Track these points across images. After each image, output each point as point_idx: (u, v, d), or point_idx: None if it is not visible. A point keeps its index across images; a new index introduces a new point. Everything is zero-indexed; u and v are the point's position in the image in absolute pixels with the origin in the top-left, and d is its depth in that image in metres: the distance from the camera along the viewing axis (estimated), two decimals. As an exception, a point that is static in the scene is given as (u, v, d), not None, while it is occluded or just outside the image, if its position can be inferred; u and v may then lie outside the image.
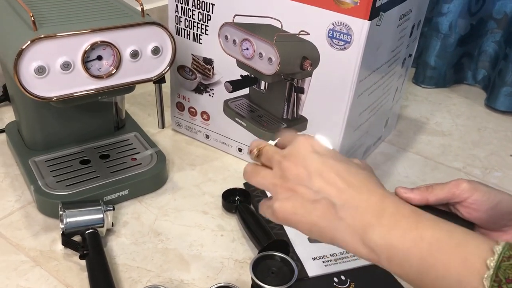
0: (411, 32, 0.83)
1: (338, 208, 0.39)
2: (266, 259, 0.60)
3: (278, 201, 0.42)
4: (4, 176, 0.78)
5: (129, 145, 0.82)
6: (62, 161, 0.76)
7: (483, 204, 0.45)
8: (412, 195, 0.48)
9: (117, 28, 0.61)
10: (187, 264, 0.64)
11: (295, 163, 0.42)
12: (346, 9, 0.63)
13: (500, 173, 0.90)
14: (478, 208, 0.45)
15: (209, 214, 0.73)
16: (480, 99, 1.18)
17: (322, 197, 0.40)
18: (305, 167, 0.41)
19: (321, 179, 0.40)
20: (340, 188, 0.40)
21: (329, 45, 0.67)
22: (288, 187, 0.42)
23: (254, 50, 0.74)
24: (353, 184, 0.40)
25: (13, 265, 0.62)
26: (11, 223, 0.69)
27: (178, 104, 0.89)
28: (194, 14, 0.78)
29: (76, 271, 0.62)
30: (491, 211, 0.45)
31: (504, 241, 0.34)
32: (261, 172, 0.45)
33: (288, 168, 0.42)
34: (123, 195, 0.73)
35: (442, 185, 0.47)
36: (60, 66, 0.59)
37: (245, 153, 0.85)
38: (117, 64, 0.63)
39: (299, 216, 0.41)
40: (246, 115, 0.82)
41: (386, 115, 0.90)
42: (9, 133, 0.82)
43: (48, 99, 0.60)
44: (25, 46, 0.56)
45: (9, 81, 0.75)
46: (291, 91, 0.75)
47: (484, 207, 0.45)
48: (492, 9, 1.14)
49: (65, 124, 0.77)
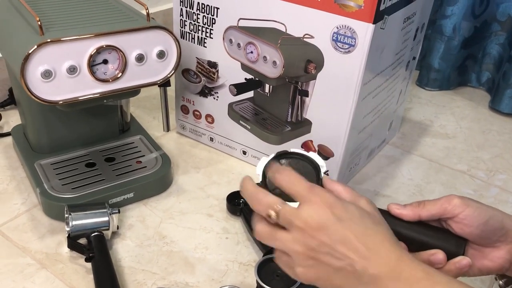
0: (415, 35, 0.83)
1: (360, 274, 0.40)
2: (271, 262, 0.60)
3: (300, 267, 0.43)
4: (10, 179, 0.78)
5: (134, 148, 0.82)
6: (68, 164, 0.77)
7: (474, 220, 0.46)
8: (405, 212, 0.48)
9: (122, 32, 0.62)
10: (192, 267, 0.65)
11: (317, 231, 0.41)
12: (350, 13, 0.63)
13: (505, 176, 0.90)
14: (469, 224, 0.46)
15: (213, 216, 0.74)
16: (484, 101, 1.17)
17: (345, 264, 0.41)
18: (328, 235, 0.41)
19: (344, 247, 0.41)
20: (362, 255, 0.40)
21: (333, 48, 0.67)
22: (311, 255, 0.42)
23: (259, 54, 0.74)
24: (373, 249, 0.41)
25: (19, 268, 0.63)
26: (17, 226, 0.69)
27: (183, 107, 0.90)
28: (198, 17, 0.78)
29: (82, 274, 0.62)
30: (483, 226, 0.46)
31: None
32: (278, 236, 0.44)
33: (311, 237, 0.42)
34: (128, 198, 0.73)
35: (434, 201, 0.48)
36: (66, 70, 0.59)
37: (249, 155, 0.85)
38: (122, 67, 0.63)
39: (322, 281, 0.43)
40: (250, 118, 0.82)
41: (390, 118, 0.90)
42: (15, 136, 0.83)
43: (54, 102, 0.61)
44: (32, 50, 0.56)
45: (16, 84, 0.76)
46: (295, 94, 0.75)
47: (476, 222, 0.46)
48: (496, 11, 1.14)
49: (70, 127, 0.78)
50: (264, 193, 0.45)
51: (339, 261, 0.41)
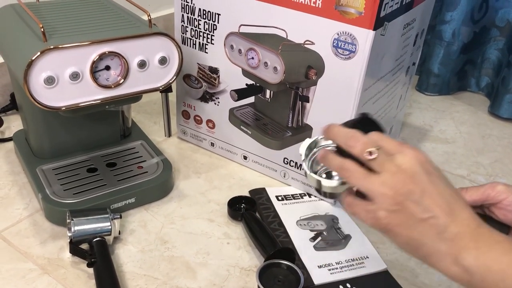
0: (414, 41, 0.83)
1: (441, 229, 0.41)
2: (272, 267, 0.60)
3: (384, 210, 0.43)
4: (12, 184, 0.79)
5: (136, 153, 0.82)
6: (70, 169, 0.77)
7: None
8: None
9: (125, 38, 0.62)
10: (194, 272, 0.65)
11: (409, 178, 0.42)
12: (351, 19, 0.64)
13: (504, 180, 0.90)
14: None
15: (215, 222, 0.74)
16: (484, 106, 1.18)
17: (429, 216, 0.41)
18: (417, 184, 0.42)
19: (431, 200, 0.42)
20: (446, 211, 0.41)
21: (334, 54, 0.67)
22: (398, 201, 0.42)
23: (260, 59, 0.75)
24: (456, 209, 0.42)
25: (21, 273, 0.63)
26: (19, 231, 0.69)
27: (184, 112, 0.90)
28: (200, 24, 0.79)
29: (84, 279, 0.63)
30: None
31: None
32: (368, 177, 0.44)
33: (401, 182, 0.42)
34: (129, 203, 0.74)
35: (477, 187, 0.48)
36: (69, 76, 0.60)
37: (250, 160, 0.85)
38: (124, 74, 0.64)
39: (401, 229, 0.43)
40: (251, 123, 0.82)
41: (390, 123, 0.91)
42: (17, 141, 0.83)
43: (57, 108, 0.61)
44: (35, 57, 0.56)
45: (18, 90, 0.76)
46: (296, 99, 0.75)
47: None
48: (495, 17, 1.14)
49: (72, 132, 0.78)
50: (361, 134, 0.45)
51: (424, 212, 0.41)
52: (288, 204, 0.78)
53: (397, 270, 0.67)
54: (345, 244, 0.70)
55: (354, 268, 0.66)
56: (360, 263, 0.67)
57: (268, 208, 0.76)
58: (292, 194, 0.80)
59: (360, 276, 0.65)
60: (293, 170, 0.80)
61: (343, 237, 0.72)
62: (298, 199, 0.79)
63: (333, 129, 0.47)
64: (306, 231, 0.72)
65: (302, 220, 0.74)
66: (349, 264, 0.67)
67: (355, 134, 0.45)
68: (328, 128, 0.48)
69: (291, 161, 0.80)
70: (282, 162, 0.81)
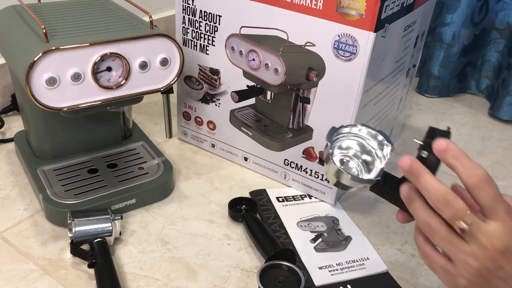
0: (415, 43, 0.84)
1: None
2: (273, 268, 0.60)
3: (465, 279, 0.41)
4: (13, 185, 0.79)
5: (136, 154, 0.83)
6: (70, 170, 0.77)
7: None
8: None
9: (126, 40, 0.63)
10: (194, 273, 0.65)
11: (501, 255, 0.39)
12: (351, 21, 0.64)
13: (505, 183, 0.90)
14: None
15: (215, 223, 0.74)
16: (484, 108, 1.18)
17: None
18: (508, 261, 0.39)
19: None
20: None
21: (335, 56, 0.68)
22: (483, 275, 0.40)
23: (260, 61, 0.75)
24: None
25: (22, 274, 0.63)
26: (20, 232, 0.69)
27: (185, 113, 0.90)
28: (201, 25, 0.79)
29: (85, 280, 0.63)
30: None
31: None
32: (455, 243, 0.41)
33: (492, 258, 0.40)
34: (130, 204, 0.74)
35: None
36: (71, 77, 0.60)
37: (250, 162, 0.86)
38: (126, 75, 0.64)
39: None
40: (252, 125, 0.82)
41: (390, 125, 0.91)
42: (17, 142, 0.83)
43: (59, 109, 0.61)
44: (37, 58, 0.57)
45: (19, 91, 0.76)
46: (296, 101, 0.76)
47: None
48: (495, 19, 1.15)
49: (73, 133, 0.78)
50: (453, 196, 0.41)
51: None
52: (288, 205, 0.78)
53: (398, 272, 0.67)
54: (345, 246, 0.70)
55: (354, 269, 0.66)
56: (360, 265, 0.67)
57: (268, 209, 0.76)
58: (293, 196, 0.80)
59: (361, 278, 0.65)
60: (293, 171, 0.81)
61: (344, 239, 0.72)
62: (299, 200, 0.79)
63: (420, 179, 0.43)
64: (306, 233, 0.72)
65: (302, 221, 0.75)
66: (350, 266, 0.67)
67: (447, 196, 0.41)
68: (412, 172, 0.43)
69: (292, 162, 0.80)
70: (283, 163, 0.81)
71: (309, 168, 0.78)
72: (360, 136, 0.55)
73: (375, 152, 0.54)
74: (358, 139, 0.55)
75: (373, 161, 0.54)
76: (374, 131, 0.54)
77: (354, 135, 0.55)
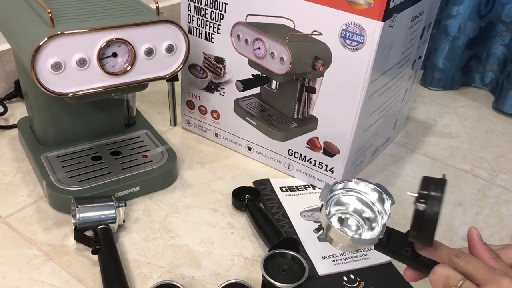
0: (421, 34, 0.83)
1: None
2: (277, 257, 0.60)
3: None
4: (16, 171, 0.79)
5: (140, 142, 0.82)
6: (74, 157, 0.77)
7: None
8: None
9: (132, 25, 0.62)
10: (198, 261, 0.65)
11: None
12: (359, 10, 0.63)
13: (508, 176, 0.90)
14: None
15: (219, 211, 0.74)
16: (488, 102, 1.18)
17: None
18: None
19: None
20: None
21: (341, 45, 0.67)
22: None
23: (266, 50, 0.74)
24: None
25: (25, 259, 0.63)
26: (23, 218, 0.69)
27: (189, 102, 0.90)
28: (206, 13, 0.78)
29: (88, 266, 0.63)
30: None
31: None
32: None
33: None
34: (134, 191, 0.74)
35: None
36: (76, 63, 0.60)
37: (254, 151, 0.85)
38: (131, 61, 0.64)
39: None
40: (256, 114, 0.82)
41: (395, 116, 0.91)
42: (21, 128, 0.83)
43: (64, 95, 0.61)
44: (43, 42, 0.56)
45: (23, 77, 0.76)
46: (302, 90, 0.75)
47: None
48: (501, 12, 1.14)
49: (77, 120, 0.78)
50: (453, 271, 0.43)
51: None
52: (292, 195, 0.78)
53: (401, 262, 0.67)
54: (349, 236, 0.70)
55: (358, 259, 0.66)
56: (364, 255, 0.67)
57: (272, 199, 0.76)
58: (296, 186, 0.80)
59: (364, 268, 0.65)
60: (297, 161, 0.80)
61: (347, 229, 0.72)
62: (302, 190, 0.79)
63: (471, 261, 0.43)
64: (310, 222, 0.72)
65: (306, 211, 0.74)
66: (353, 256, 0.67)
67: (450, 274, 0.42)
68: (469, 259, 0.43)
69: (296, 152, 0.80)
70: (287, 153, 0.81)
71: (313, 158, 0.78)
72: (357, 191, 0.52)
73: (376, 208, 0.51)
74: (356, 194, 0.52)
75: (375, 218, 0.51)
76: (372, 184, 0.51)
77: (350, 190, 0.52)
